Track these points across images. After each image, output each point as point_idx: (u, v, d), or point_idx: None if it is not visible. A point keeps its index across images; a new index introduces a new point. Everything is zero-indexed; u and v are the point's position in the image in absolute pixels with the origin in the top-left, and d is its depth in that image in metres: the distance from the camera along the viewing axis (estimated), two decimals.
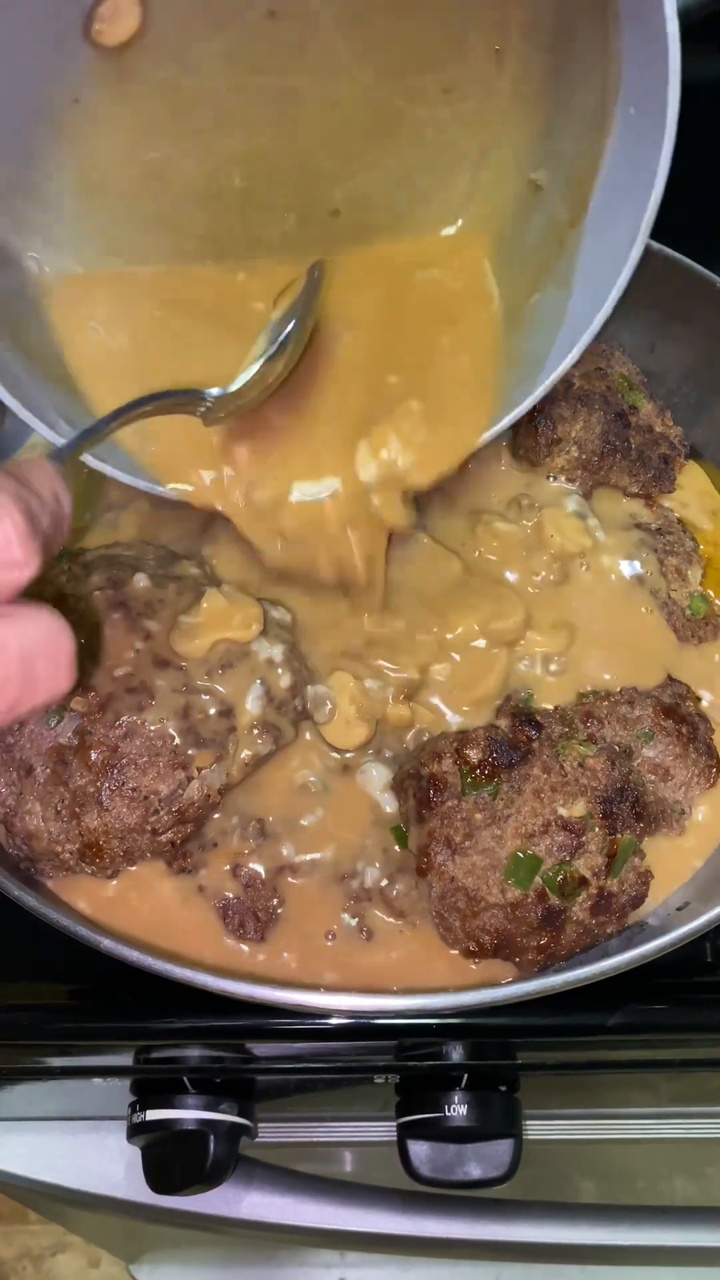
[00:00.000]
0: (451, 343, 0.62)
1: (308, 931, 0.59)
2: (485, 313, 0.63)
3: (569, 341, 0.58)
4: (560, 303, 0.59)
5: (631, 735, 0.63)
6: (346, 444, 0.60)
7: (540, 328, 0.61)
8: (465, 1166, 0.65)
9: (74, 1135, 0.78)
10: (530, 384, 0.60)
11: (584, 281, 0.58)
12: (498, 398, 0.61)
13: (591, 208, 0.57)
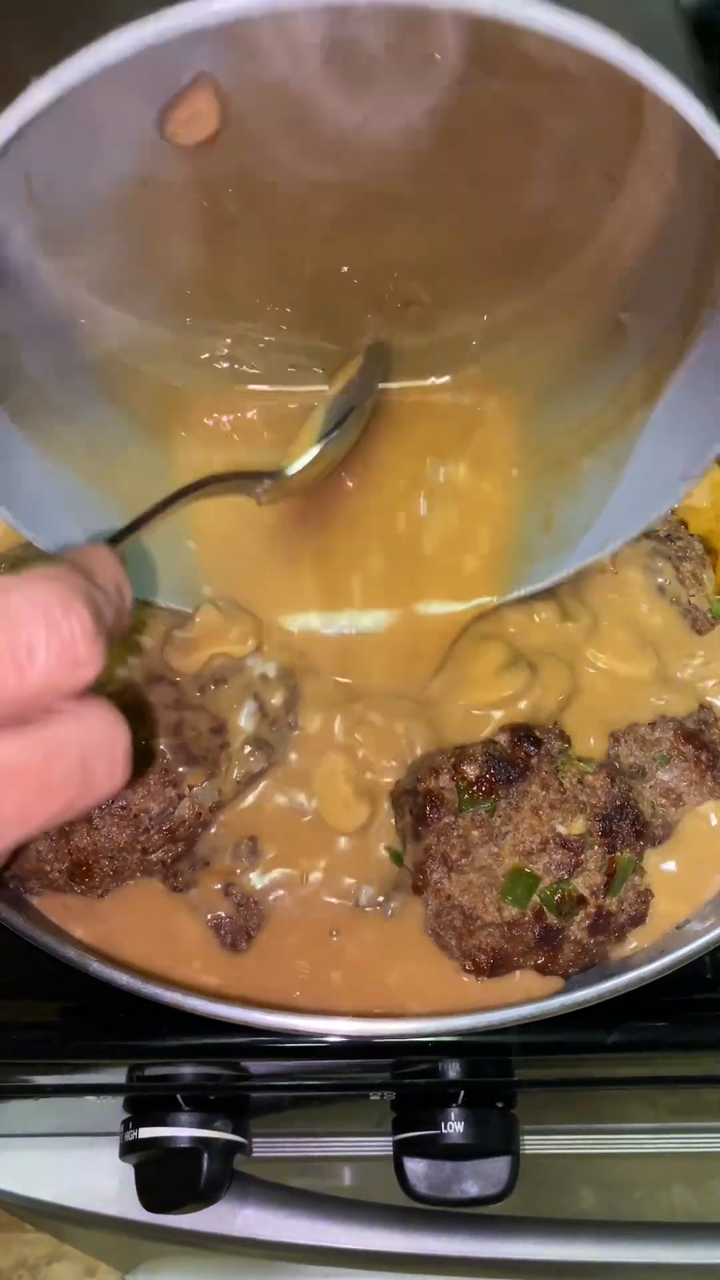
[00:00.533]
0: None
1: (301, 950, 0.59)
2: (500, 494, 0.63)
3: (602, 536, 0.58)
4: (606, 485, 0.58)
5: (647, 757, 0.62)
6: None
7: (583, 498, 0.60)
8: (462, 1184, 0.65)
9: (66, 1151, 0.78)
10: (555, 562, 0.61)
11: (634, 478, 0.57)
12: (518, 563, 0.62)
13: (665, 397, 0.54)
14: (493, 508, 0.63)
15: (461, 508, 0.63)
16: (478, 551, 0.63)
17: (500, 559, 0.63)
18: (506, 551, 0.62)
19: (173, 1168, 0.66)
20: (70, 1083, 0.66)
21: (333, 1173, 0.85)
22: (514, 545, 0.62)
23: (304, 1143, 0.79)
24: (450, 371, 0.62)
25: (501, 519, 0.62)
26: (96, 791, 0.35)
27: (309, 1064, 0.61)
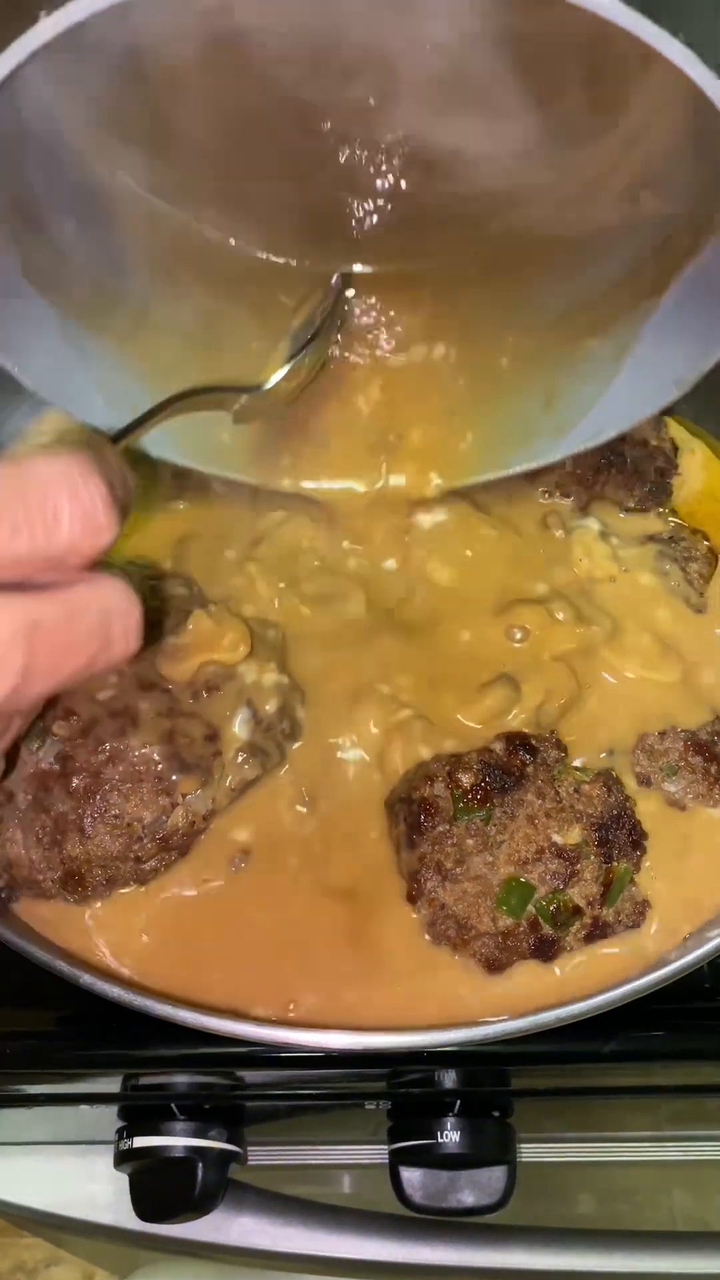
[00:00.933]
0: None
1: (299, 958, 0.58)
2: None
3: (597, 424, 0.60)
4: (608, 371, 0.60)
5: (654, 767, 0.62)
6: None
7: (586, 380, 0.62)
8: (458, 1193, 0.64)
9: (61, 1159, 0.77)
10: (551, 443, 0.64)
11: (633, 372, 0.59)
12: (518, 438, 0.65)
13: (671, 294, 0.56)
14: (498, 383, 0.65)
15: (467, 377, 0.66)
16: (478, 427, 0.66)
17: (500, 433, 0.66)
18: (507, 426, 0.65)
19: (167, 1177, 0.65)
20: (65, 1092, 0.66)
21: (329, 1180, 0.85)
22: (515, 420, 0.65)
23: (299, 1151, 0.78)
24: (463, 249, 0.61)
25: (508, 392, 0.65)
26: (114, 652, 0.40)
27: (304, 1073, 0.61)
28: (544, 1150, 0.77)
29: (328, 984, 0.56)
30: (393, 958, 0.57)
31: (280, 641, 0.64)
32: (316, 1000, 0.56)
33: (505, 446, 0.66)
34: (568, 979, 0.56)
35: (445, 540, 0.69)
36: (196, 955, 0.57)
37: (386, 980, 0.56)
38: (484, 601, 0.67)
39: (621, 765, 0.62)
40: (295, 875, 0.59)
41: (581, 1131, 0.79)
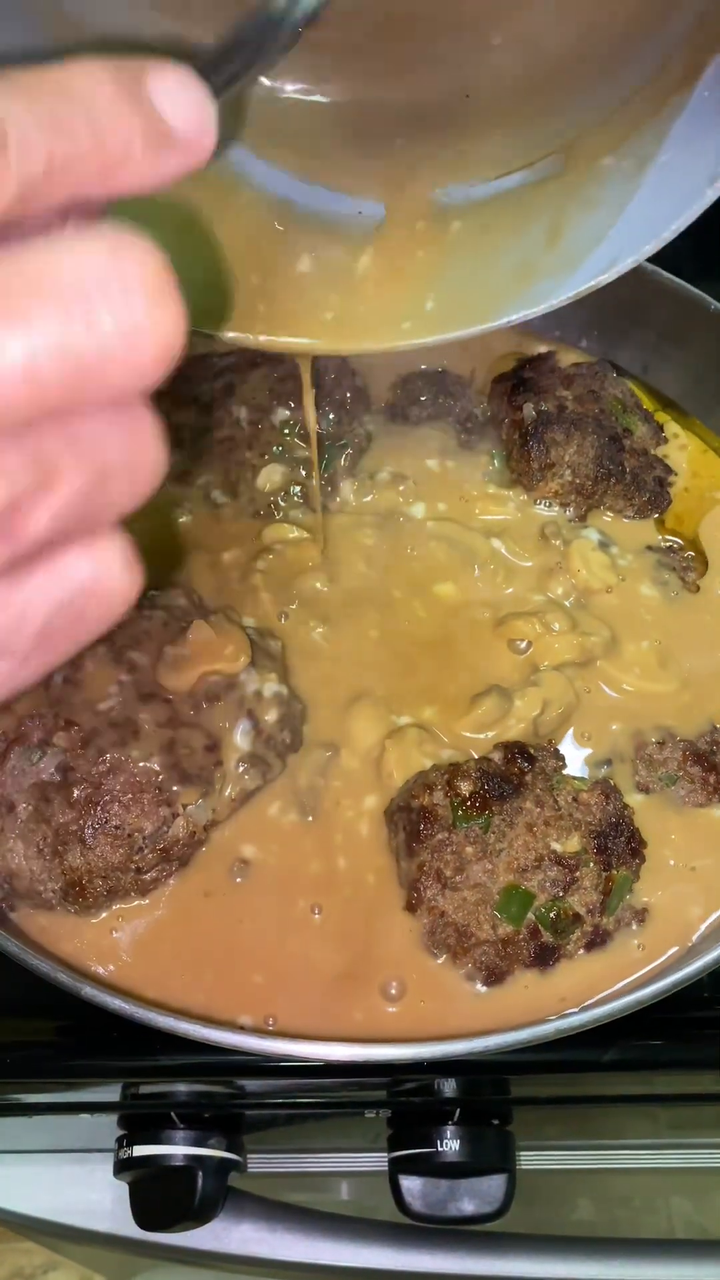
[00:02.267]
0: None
1: (301, 968, 0.58)
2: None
3: (612, 253, 0.51)
4: (625, 191, 0.51)
5: (653, 776, 0.62)
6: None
7: (599, 206, 0.52)
8: (458, 1202, 0.64)
9: (60, 1167, 0.77)
10: (556, 282, 0.53)
11: (654, 183, 0.50)
12: (514, 281, 0.55)
13: (705, 78, 0.47)
14: (489, 223, 0.56)
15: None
16: (462, 276, 0.56)
17: (491, 280, 0.56)
18: (500, 270, 0.56)
19: (167, 1186, 0.65)
20: (64, 1101, 0.66)
21: (329, 1187, 0.85)
22: (511, 264, 0.56)
23: (299, 1158, 0.78)
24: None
25: (501, 231, 0.56)
26: (111, 620, 0.31)
27: (304, 1082, 0.61)
28: (543, 1158, 0.77)
29: (328, 994, 0.56)
30: (392, 968, 0.57)
31: (281, 652, 0.64)
32: (317, 1010, 0.56)
33: (499, 293, 0.56)
34: (568, 989, 0.56)
35: (445, 552, 0.69)
36: (198, 965, 0.57)
37: (386, 990, 0.56)
38: (483, 613, 0.67)
39: (620, 774, 0.63)
40: (296, 885, 0.59)
41: (581, 1138, 0.79)
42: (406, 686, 0.64)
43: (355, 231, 0.56)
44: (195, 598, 0.65)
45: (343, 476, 0.73)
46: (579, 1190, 0.96)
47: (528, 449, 0.71)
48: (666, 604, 0.69)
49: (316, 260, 0.56)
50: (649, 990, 0.51)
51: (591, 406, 0.72)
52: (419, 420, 0.77)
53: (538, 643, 0.65)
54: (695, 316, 0.75)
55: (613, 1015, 0.50)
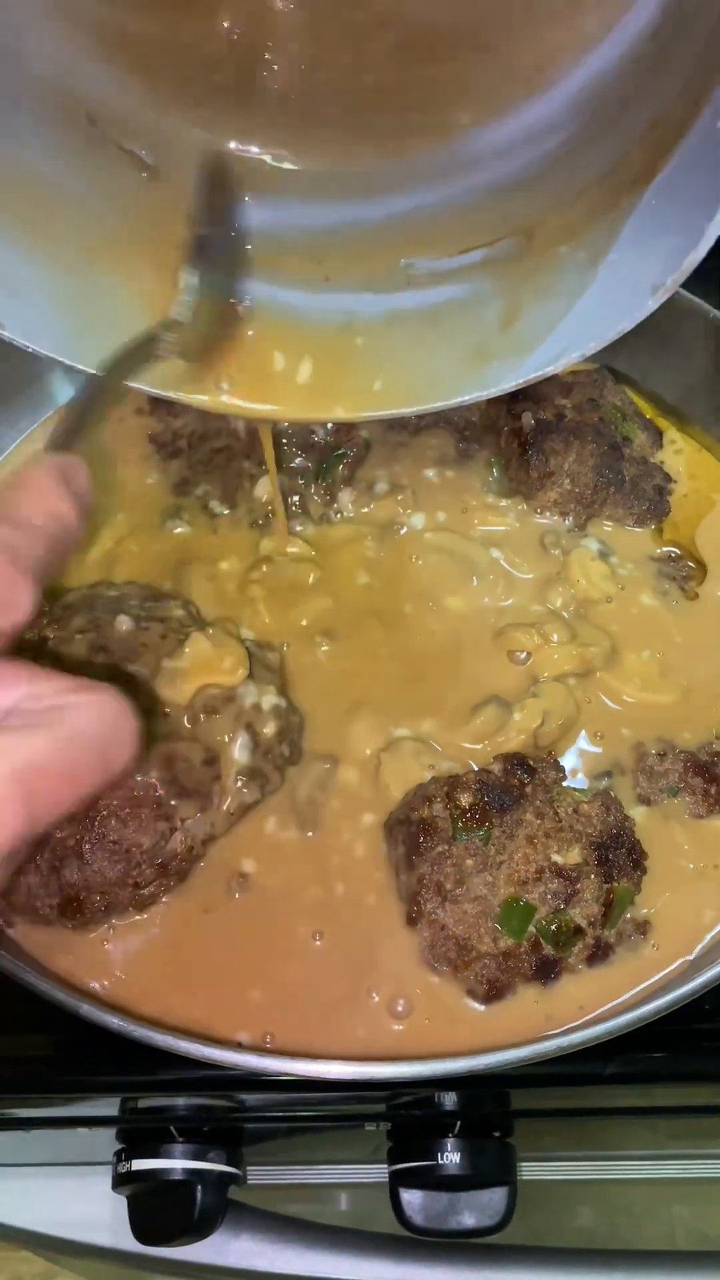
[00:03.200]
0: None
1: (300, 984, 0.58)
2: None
3: (561, 344, 0.54)
4: (578, 282, 0.54)
5: (654, 788, 0.62)
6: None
7: (552, 295, 0.56)
8: (459, 1215, 0.64)
9: (59, 1180, 0.77)
10: (508, 367, 0.57)
11: (605, 280, 0.53)
12: (470, 363, 0.58)
13: (656, 183, 0.51)
14: (448, 305, 0.59)
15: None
16: (420, 354, 0.60)
17: (448, 359, 0.59)
18: (456, 350, 0.59)
19: (166, 1200, 0.65)
20: (62, 1115, 0.66)
21: (329, 1199, 0.85)
22: (466, 343, 0.58)
23: (299, 1171, 0.78)
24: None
25: (458, 311, 0.59)
26: (114, 768, 0.37)
27: (303, 1096, 0.60)
28: (545, 1169, 0.77)
29: (330, 1012, 0.56)
30: (395, 984, 0.57)
31: (279, 664, 0.64)
32: (318, 1027, 0.55)
33: (454, 373, 0.59)
34: (570, 1003, 0.56)
35: (444, 563, 0.69)
36: (195, 981, 0.56)
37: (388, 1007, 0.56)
38: (482, 624, 0.67)
39: (621, 786, 0.62)
40: (295, 899, 0.59)
41: (581, 1149, 0.79)
42: (405, 698, 0.64)
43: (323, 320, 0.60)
44: (193, 609, 0.65)
45: (341, 486, 0.73)
46: (580, 1199, 0.95)
47: (527, 458, 0.71)
48: (667, 613, 0.69)
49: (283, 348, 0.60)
50: (651, 1007, 0.50)
51: (590, 415, 0.72)
52: (417, 429, 0.77)
53: (537, 654, 0.65)
54: (694, 324, 0.74)
55: (614, 1032, 0.50)
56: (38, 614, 0.61)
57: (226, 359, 0.59)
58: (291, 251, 0.59)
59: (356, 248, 0.59)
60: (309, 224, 0.59)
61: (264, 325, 0.59)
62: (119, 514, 0.73)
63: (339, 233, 0.59)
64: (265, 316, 0.59)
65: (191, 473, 0.73)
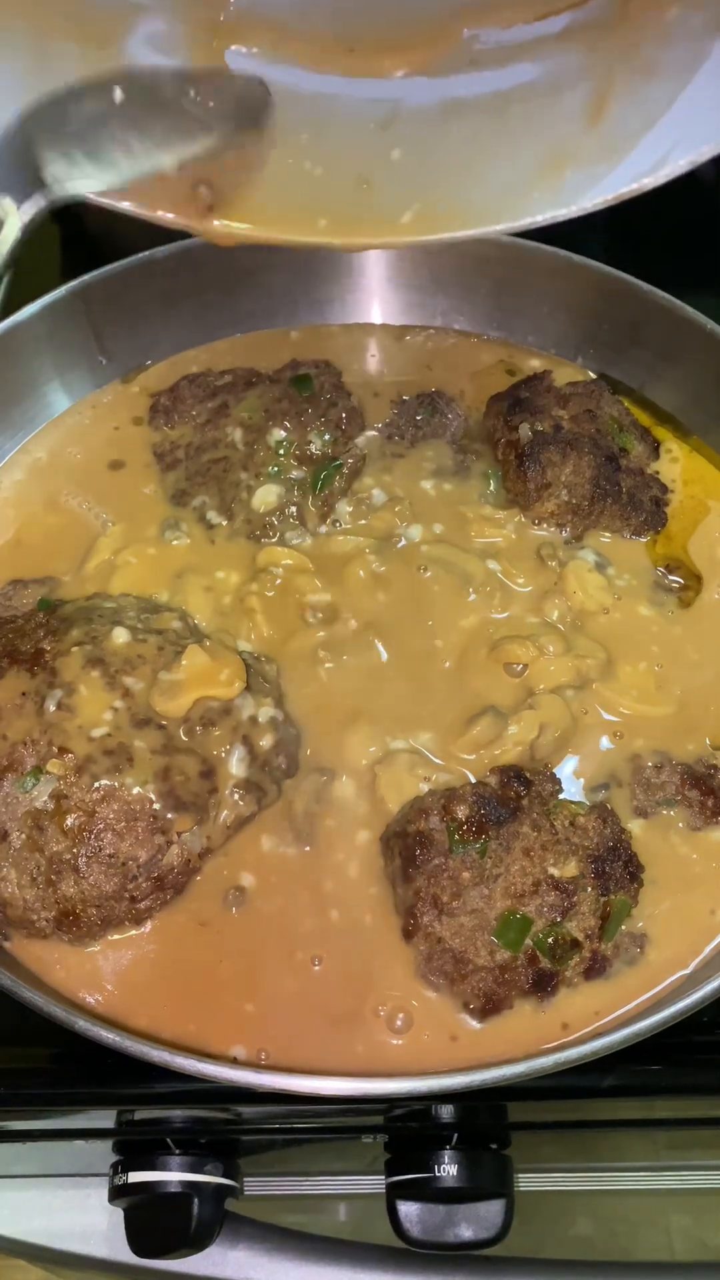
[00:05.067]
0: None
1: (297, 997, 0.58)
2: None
3: (663, 145, 0.42)
4: (690, 52, 0.41)
5: (651, 800, 0.62)
6: None
7: (655, 75, 0.43)
8: (456, 1228, 0.64)
9: (55, 1192, 0.76)
10: (593, 175, 0.44)
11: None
12: (546, 171, 0.45)
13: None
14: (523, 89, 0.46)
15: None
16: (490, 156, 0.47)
17: (522, 163, 0.46)
18: (533, 150, 0.46)
19: (163, 1212, 0.65)
20: (58, 1128, 0.66)
21: (327, 1209, 0.84)
22: (542, 147, 0.45)
23: (296, 1182, 0.78)
24: None
25: (538, 94, 0.46)
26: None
27: (300, 1108, 0.60)
28: (542, 1180, 0.77)
29: (325, 1025, 0.56)
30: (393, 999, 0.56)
31: (277, 676, 0.64)
32: (316, 1043, 0.55)
33: (524, 185, 0.46)
34: (567, 1017, 0.56)
35: (441, 575, 0.69)
36: (192, 994, 0.56)
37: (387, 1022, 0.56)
38: (479, 636, 0.67)
39: (618, 798, 0.62)
40: (291, 913, 0.58)
41: (579, 1160, 0.79)
42: (402, 710, 0.64)
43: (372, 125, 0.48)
44: (190, 621, 0.65)
45: (338, 497, 0.73)
46: (578, 1209, 0.95)
47: (524, 469, 0.71)
48: (663, 624, 0.69)
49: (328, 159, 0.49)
50: (648, 1022, 0.50)
51: (588, 426, 0.72)
52: (415, 440, 0.77)
53: (534, 666, 0.65)
54: (692, 336, 0.74)
55: (611, 1048, 0.50)
56: (35, 626, 0.61)
57: (226, 169, 0.48)
58: (314, 17, 0.47)
59: (404, 14, 0.47)
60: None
61: (280, 124, 0.48)
62: (116, 525, 0.72)
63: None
64: (282, 112, 0.48)
65: (189, 484, 0.73)
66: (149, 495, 0.74)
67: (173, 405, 0.77)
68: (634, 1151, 0.78)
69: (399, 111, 0.48)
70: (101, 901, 0.54)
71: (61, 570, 0.70)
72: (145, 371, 0.82)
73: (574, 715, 0.64)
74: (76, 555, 0.71)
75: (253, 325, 0.85)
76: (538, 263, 0.79)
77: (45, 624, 0.61)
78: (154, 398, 0.79)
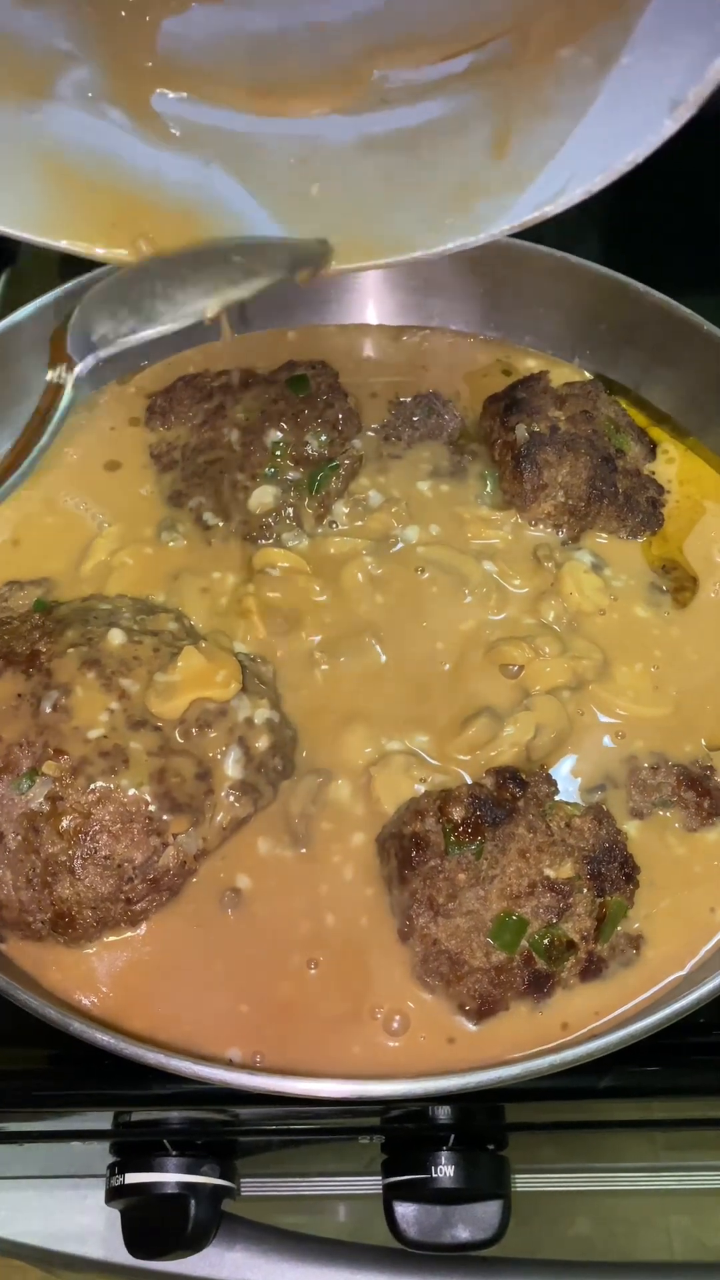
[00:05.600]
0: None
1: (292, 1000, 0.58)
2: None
3: (562, 176, 0.45)
4: (582, 97, 0.45)
5: (647, 802, 0.62)
6: None
7: (551, 112, 0.46)
8: (453, 1229, 0.64)
9: (52, 1193, 0.76)
10: (499, 205, 0.47)
11: (612, 97, 0.44)
12: (457, 201, 0.49)
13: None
14: (430, 124, 0.50)
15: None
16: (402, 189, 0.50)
17: (433, 195, 0.49)
18: (442, 183, 0.49)
19: (160, 1213, 0.65)
20: (55, 1129, 0.66)
21: (325, 1210, 0.84)
22: (452, 181, 0.49)
23: (294, 1182, 0.78)
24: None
25: (443, 133, 0.49)
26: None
27: (297, 1110, 0.60)
28: (540, 1181, 0.77)
29: (321, 1027, 0.56)
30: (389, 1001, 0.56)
31: (273, 678, 0.63)
32: (313, 1044, 0.55)
33: (436, 218, 0.50)
34: (564, 1018, 0.56)
35: (437, 577, 0.69)
36: (188, 996, 0.56)
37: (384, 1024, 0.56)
38: (476, 638, 0.67)
39: (614, 799, 0.62)
40: (287, 915, 0.58)
41: (576, 1161, 0.79)
42: (398, 711, 0.64)
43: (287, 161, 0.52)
44: (186, 622, 0.65)
45: (334, 498, 0.73)
46: (576, 1208, 0.95)
47: (520, 470, 0.71)
48: (659, 625, 0.69)
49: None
50: (644, 1024, 0.50)
51: (584, 427, 0.72)
52: (411, 441, 0.77)
53: (529, 667, 0.65)
54: (688, 337, 0.75)
55: (607, 1049, 0.50)
56: (31, 628, 0.61)
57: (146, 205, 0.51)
58: (234, 63, 0.50)
59: (318, 58, 0.50)
60: (256, 28, 0.49)
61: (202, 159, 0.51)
62: (113, 526, 0.72)
63: (295, 39, 0.50)
64: (204, 149, 0.51)
65: (185, 485, 0.73)
66: (145, 496, 0.74)
67: (169, 406, 0.77)
68: (632, 1152, 0.78)
69: (318, 148, 0.52)
70: (97, 903, 0.54)
71: (57, 571, 0.70)
72: (141, 372, 0.82)
73: (570, 716, 0.64)
74: (73, 556, 0.71)
75: (249, 326, 0.85)
76: (534, 263, 0.79)
77: (41, 625, 0.61)
78: (150, 398, 0.79)
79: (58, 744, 0.56)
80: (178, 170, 0.52)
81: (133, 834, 0.54)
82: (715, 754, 0.64)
